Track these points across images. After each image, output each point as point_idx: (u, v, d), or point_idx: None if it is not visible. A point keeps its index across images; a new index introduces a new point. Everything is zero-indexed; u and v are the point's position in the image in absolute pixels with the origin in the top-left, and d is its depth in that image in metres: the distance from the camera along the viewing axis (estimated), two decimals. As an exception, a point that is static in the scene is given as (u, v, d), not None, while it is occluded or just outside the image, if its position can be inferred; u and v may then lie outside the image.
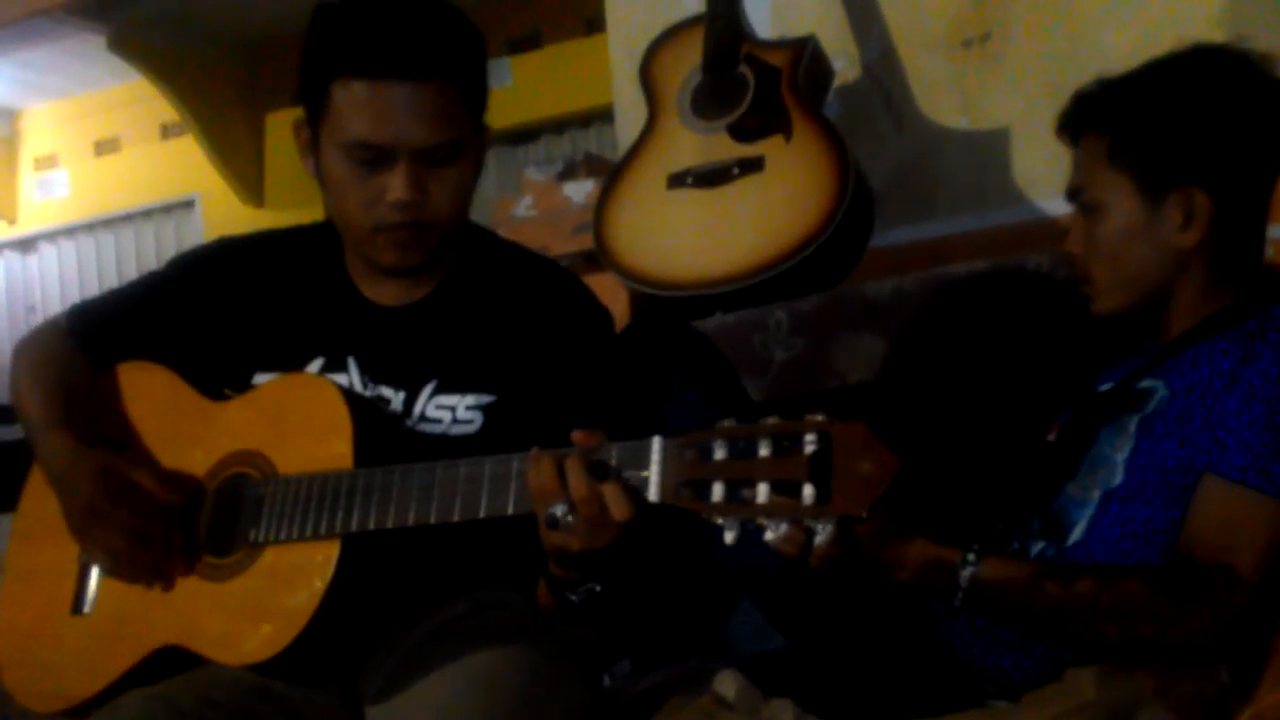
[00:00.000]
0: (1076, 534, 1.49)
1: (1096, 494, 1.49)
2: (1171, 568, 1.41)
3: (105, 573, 1.55)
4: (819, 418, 1.13)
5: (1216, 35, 2.16)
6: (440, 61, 1.46)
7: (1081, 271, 1.56)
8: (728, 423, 1.18)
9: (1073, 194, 1.57)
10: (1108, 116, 1.53)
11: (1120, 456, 1.48)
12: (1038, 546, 1.52)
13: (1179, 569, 1.40)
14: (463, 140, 1.50)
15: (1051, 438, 1.61)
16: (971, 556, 1.43)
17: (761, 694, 1.47)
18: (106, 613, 1.55)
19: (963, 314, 2.05)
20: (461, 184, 1.52)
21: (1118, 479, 1.48)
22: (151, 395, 1.63)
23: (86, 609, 1.57)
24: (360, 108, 1.45)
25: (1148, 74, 1.54)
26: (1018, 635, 1.48)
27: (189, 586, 1.48)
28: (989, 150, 2.74)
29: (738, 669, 1.50)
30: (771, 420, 1.15)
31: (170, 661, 1.46)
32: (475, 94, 1.53)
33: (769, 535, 1.13)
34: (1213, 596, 1.35)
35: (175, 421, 1.59)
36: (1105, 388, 1.58)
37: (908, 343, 2.07)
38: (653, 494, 1.22)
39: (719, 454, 1.17)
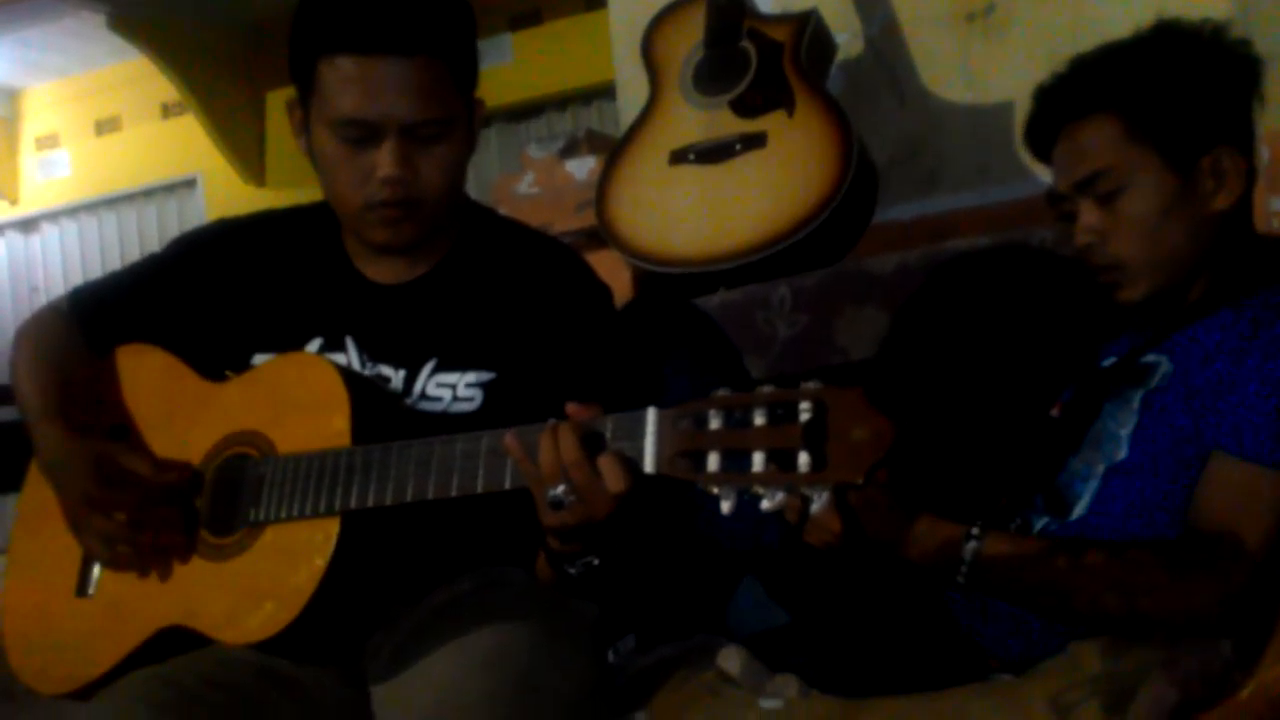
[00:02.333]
0: (1080, 508, 1.49)
1: (1100, 468, 1.49)
2: (1177, 542, 1.41)
3: (103, 563, 1.55)
4: (814, 385, 1.12)
5: (1221, 10, 2.15)
6: (427, 36, 1.45)
7: (1105, 259, 1.52)
8: (723, 392, 1.17)
9: (1086, 182, 1.52)
10: (1109, 96, 1.51)
11: (1124, 431, 1.48)
12: (1041, 521, 1.52)
13: (1185, 543, 1.39)
14: (452, 116, 1.49)
15: (1055, 413, 1.61)
16: (975, 532, 1.43)
17: (766, 669, 1.47)
18: (110, 595, 1.55)
19: (966, 289, 2.05)
20: (451, 160, 1.52)
21: (1121, 453, 1.47)
22: (150, 378, 1.63)
23: (90, 591, 1.57)
24: (347, 84, 1.45)
25: (1133, 49, 1.53)
26: (1021, 610, 1.48)
27: (191, 567, 1.49)
28: (993, 124, 2.73)
29: (742, 645, 1.50)
30: (766, 389, 1.14)
31: (174, 642, 1.46)
32: (464, 70, 1.51)
33: (765, 504, 1.12)
34: (1218, 571, 1.35)
35: (174, 403, 1.59)
36: (1108, 362, 1.57)
37: (910, 318, 2.06)
38: (648, 465, 1.22)
39: (714, 424, 1.17)
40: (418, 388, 1.54)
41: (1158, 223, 1.48)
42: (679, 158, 2.54)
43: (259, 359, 1.58)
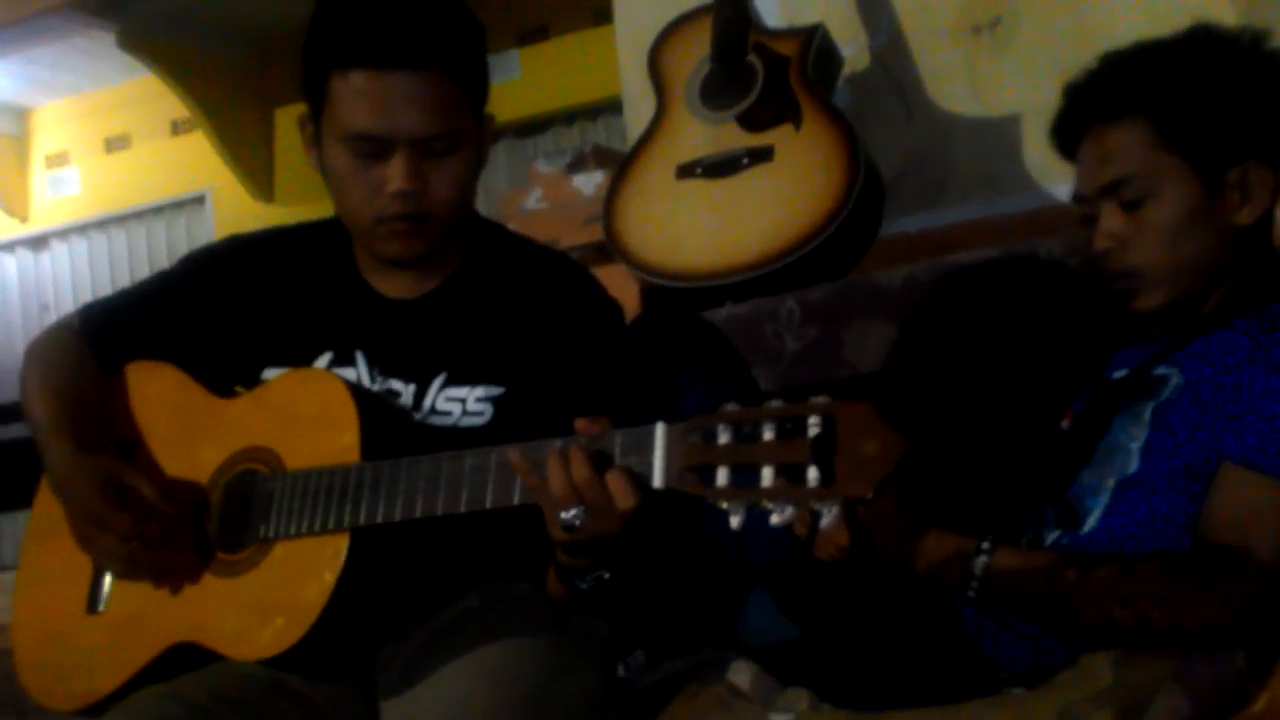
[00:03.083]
0: (1091, 522, 1.48)
1: (1111, 482, 1.48)
2: (1189, 554, 1.40)
3: (115, 575, 1.55)
4: (823, 400, 1.12)
5: (1227, 19, 2.15)
6: (437, 51, 1.46)
7: (1123, 266, 1.50)
8: (731, 407, 1.17)
9: (1111, 187, 1.49)
10: (1142, 99, 1.48)
11: (1135, 445, 1.47)
12: (1052, 535, 1.51)
13: (1196, 555, 1.39)
14: (461, 130, 1.50)
15: (1065, 424, 1.60)
16: (985, 546, 1.42)
17: (777, 683, 1.46)
18: (120, 611, 1.55)
19: (973, 301, 2.04)
20: (461, 174, 1.52)
21: (1133, 467, 1.47)
22: (161, 394, 1.64)
23: (101, 608, 1.58)
24: (358, 99, 1.46)
25: (1164, 52, 1.51)
26: (1032, 624, 1.48)
27: (201, 583, 1.49)
28: (999, 137, 2.74)
29: (752, 659, 1.50)
30: (775, 403, 1.14)
31: (184, 658, 1.47)
32: (474, 84, 1.52)
33: (774, 519, 1.12)
34: (1230, 582, 1.34)
35: (185, 420, 1.60)
36: (1119, 374, 1.57)
37: (918, 330, 2.06)
38: (657, 480, 1.22)
39: (723, 438, 1.17)
40: (428, 402, 1.54)
41: (1180, 233, 1.47)
42: (686, 172, 2.55)
43: (270, 373, 1.59)
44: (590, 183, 3.02)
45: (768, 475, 1.13)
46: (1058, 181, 2.59)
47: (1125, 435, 1.49)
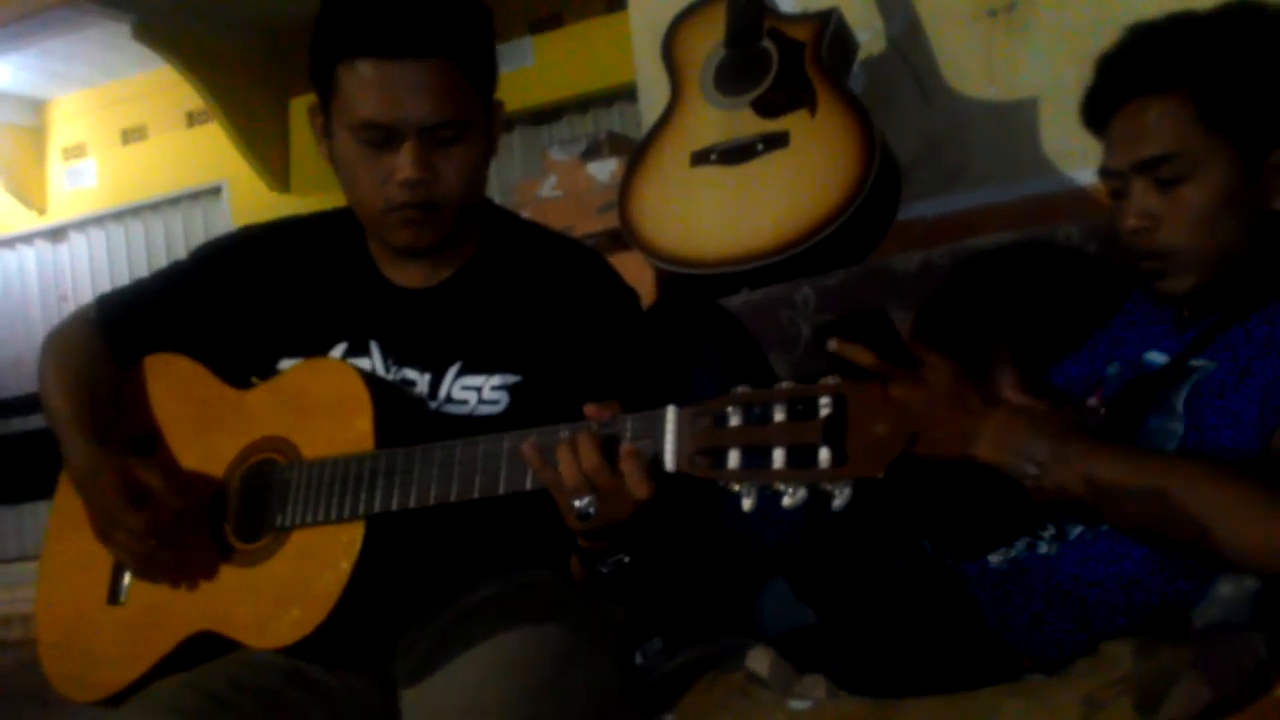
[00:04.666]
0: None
1: None
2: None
3: (133, 574, 1.56)
4: (833, 380, 1.12)
5: None
6: (443, 39, 1.46)
7: (1154, 246, 1.46)
8: (742, 389, 1.17)
9: (1149, 164, 1.45)
10: (1185, 74, 1.43)
11: (1172, 445, 1.43)
12: (1076, 530, 1.50)
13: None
14: (470, 118, 1.50)
15: (1092, 401, 1.58)
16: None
17: (794, 670, 1.46)
18: (141, 602, 1.56)
19: (990, 286, 2.03)
20: (470, 162, 1.52)
21: None
22: (177, 386, 1.64)
23: (122, 599, 1.59)
24: (365, 88, 1.46)
25: (1204, 26, 1.45)
26: (1053, 610, 1.47)
27: (219, 573, 1.49)
28: (1017, 121, 2.72)
29: (770, 645, 1.50)
30: (786, 384, 1.14)
31: (203, 648, 1.47)
32: (482, 72, 1.52)
33: (786, 501, 1.12)
34: None
35: (201, 411, 1.60)
36: (1153, 356, 1.53)
37: (934, 315, 2.05)
38: (668, 463, 1.22)
39: (734, 421, 1.17)
40: (443, 391, 1.54)
41: (1215, 216, 1.43)
42: (701, 158, 2.54)
43: (285, 364, 1.59)
44: (605, 170, 3.02)
45: (779, 457, 1.13)
46: (1075, 165, 2.58)
47: (1162, 434, 1.45)
